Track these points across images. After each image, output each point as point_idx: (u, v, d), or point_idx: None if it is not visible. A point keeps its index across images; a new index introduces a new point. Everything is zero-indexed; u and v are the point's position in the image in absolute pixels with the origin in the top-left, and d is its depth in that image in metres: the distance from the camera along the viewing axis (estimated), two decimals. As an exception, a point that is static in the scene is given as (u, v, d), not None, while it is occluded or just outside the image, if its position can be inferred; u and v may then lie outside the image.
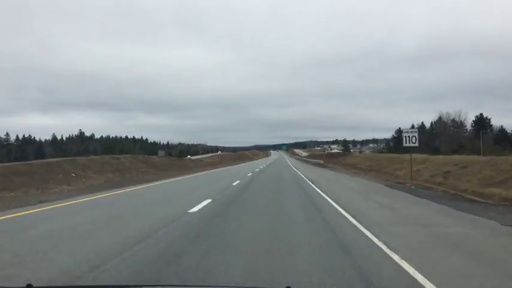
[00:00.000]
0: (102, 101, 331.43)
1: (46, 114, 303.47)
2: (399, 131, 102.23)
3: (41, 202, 13.03)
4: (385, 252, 5.93)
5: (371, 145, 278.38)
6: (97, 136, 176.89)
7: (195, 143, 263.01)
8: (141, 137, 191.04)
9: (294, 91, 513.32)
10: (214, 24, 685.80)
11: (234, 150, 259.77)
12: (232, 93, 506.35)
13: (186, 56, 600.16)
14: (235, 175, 28.08)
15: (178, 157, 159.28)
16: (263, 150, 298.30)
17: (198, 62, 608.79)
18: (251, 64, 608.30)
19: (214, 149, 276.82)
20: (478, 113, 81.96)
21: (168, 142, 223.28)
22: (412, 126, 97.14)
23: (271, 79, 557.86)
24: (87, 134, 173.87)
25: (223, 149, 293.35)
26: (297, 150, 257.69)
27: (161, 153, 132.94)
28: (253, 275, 4.81)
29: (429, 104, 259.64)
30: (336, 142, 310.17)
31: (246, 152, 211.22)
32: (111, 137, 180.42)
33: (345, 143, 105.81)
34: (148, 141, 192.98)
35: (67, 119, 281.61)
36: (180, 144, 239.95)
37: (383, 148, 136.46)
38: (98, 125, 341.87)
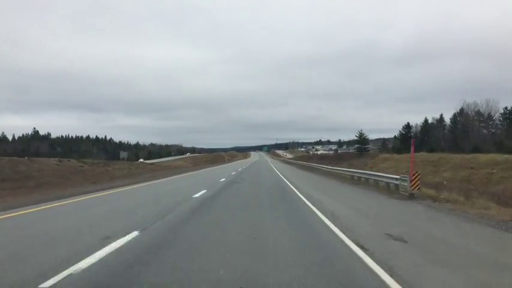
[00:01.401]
0: (75, 101, 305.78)
1: (16, 114, 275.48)
2: (407, 127, 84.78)
3: None
4: None
5: (356, 145, 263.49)
6: (54, 136, 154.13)
7: (170, 143, 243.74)
8: (105, 137, 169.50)
9: (276, 91, 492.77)
10: (194, 20, 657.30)
11: (212, 151, 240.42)
12: (213, 93, 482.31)
13: (165, 53, 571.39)
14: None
15: (146, 159, 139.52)
16: (243, 151, 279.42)
17: (177, 60, 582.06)
18: (232, 63, 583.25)
19: (191, 150, 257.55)
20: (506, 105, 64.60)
21: (137, 142, 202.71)
22: (426, 122, 79.72)
23: (253, 79, 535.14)
24: (53, 134, 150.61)
25: (201, 150, 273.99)
26: (279, 152, 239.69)
27: (124, 154, 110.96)
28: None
29: (415, 105, 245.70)
30: (319, 143, 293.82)
31: (222, 153, 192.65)
32: (70, 136, 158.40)
33: (361, 140, 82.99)
34: (114, 141, 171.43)
35: (39, 119, 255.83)
36: (151, 145, 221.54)
37: (380, 147, 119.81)
38: (71, 125, 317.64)
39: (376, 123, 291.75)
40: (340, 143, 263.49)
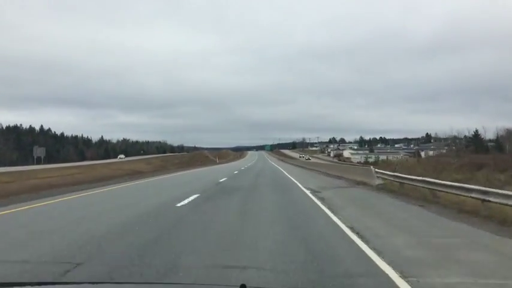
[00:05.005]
0: (61, 94, 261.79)
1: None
2: None
3: None
4: None
5: (379, 145, 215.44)
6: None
7: (153, 140, 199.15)
8: (41, 127, 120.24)
9: (281, 87, 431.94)
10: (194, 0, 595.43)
11: (214, 150, 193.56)
12: (215, 88, 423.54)
13: (163, 40, 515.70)
14: None
15: (102, 158, 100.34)
16: (241, 151, 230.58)
17: (175, 49, 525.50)
18: (237, 53, 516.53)
19: (178, 148, 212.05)
20: None
21: (102, 137, 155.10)
22: None
23: (258, 72, 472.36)
24: None
25: (190, 149, 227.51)
26: (287, 152, 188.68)
27: (40, 151, 74.86)
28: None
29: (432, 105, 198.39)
30: (333, 141, 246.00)
31: (206, 152, 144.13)
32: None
33: (474, 137, 38.40)
34: (54, 134, 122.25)
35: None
36: (124, 140, 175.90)
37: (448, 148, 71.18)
38: (67, 122, 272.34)
39: (387, 123, 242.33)
40: (361, 142, 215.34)
